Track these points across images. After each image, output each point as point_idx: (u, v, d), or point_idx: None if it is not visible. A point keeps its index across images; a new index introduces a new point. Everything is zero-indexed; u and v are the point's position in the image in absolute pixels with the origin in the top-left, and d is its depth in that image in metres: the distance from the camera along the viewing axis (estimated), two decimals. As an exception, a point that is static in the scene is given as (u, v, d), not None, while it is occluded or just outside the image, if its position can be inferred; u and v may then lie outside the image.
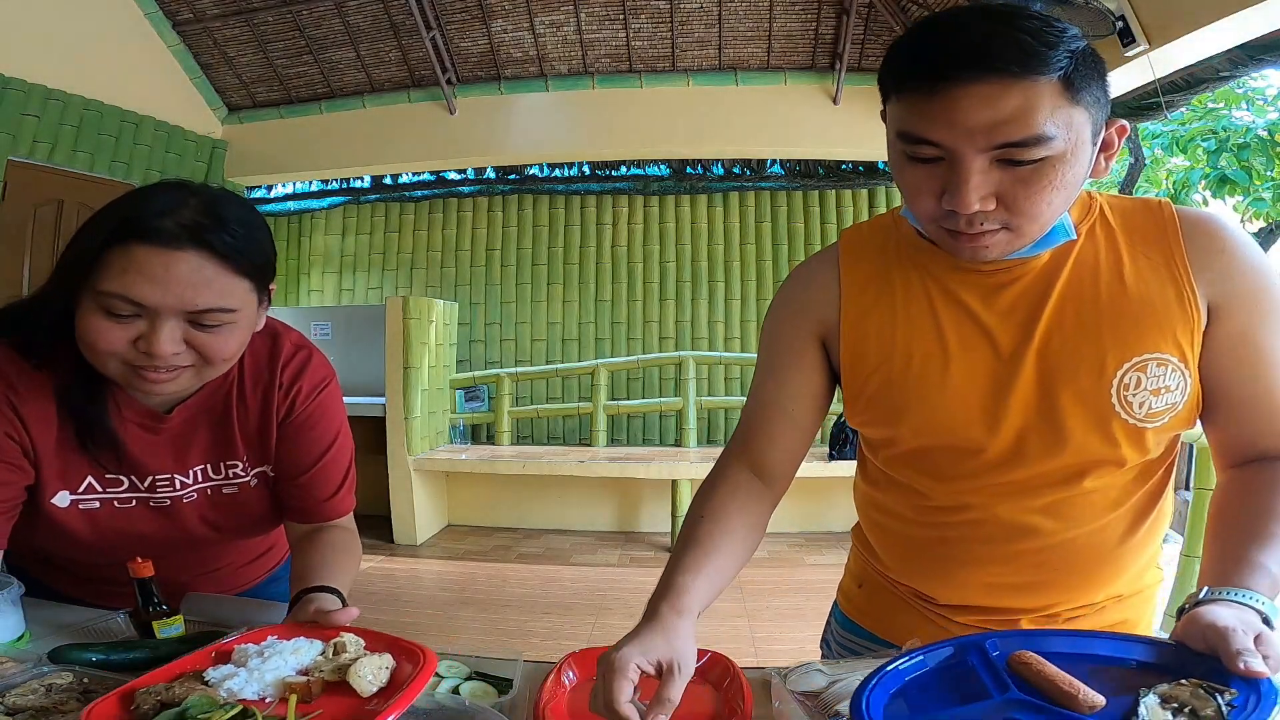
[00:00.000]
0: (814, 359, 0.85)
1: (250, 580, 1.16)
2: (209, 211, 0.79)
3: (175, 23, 4.19)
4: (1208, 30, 2.55)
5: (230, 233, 0.80)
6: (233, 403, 0.96)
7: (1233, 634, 0.56)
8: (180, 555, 1.01)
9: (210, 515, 0.98)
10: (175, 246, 0.76)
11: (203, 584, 1.08)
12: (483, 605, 3.35)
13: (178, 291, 0.77)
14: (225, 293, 0.80)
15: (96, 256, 0.77)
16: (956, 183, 0.65)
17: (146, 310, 0.77)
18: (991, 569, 0.81)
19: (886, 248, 0.83)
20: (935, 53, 0.63)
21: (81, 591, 1.03)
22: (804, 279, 0.87)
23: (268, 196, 5.68)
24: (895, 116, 0.69)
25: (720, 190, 5.43)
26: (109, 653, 0.86)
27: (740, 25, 4.12)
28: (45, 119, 3.54)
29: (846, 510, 4.08)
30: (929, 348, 0.78)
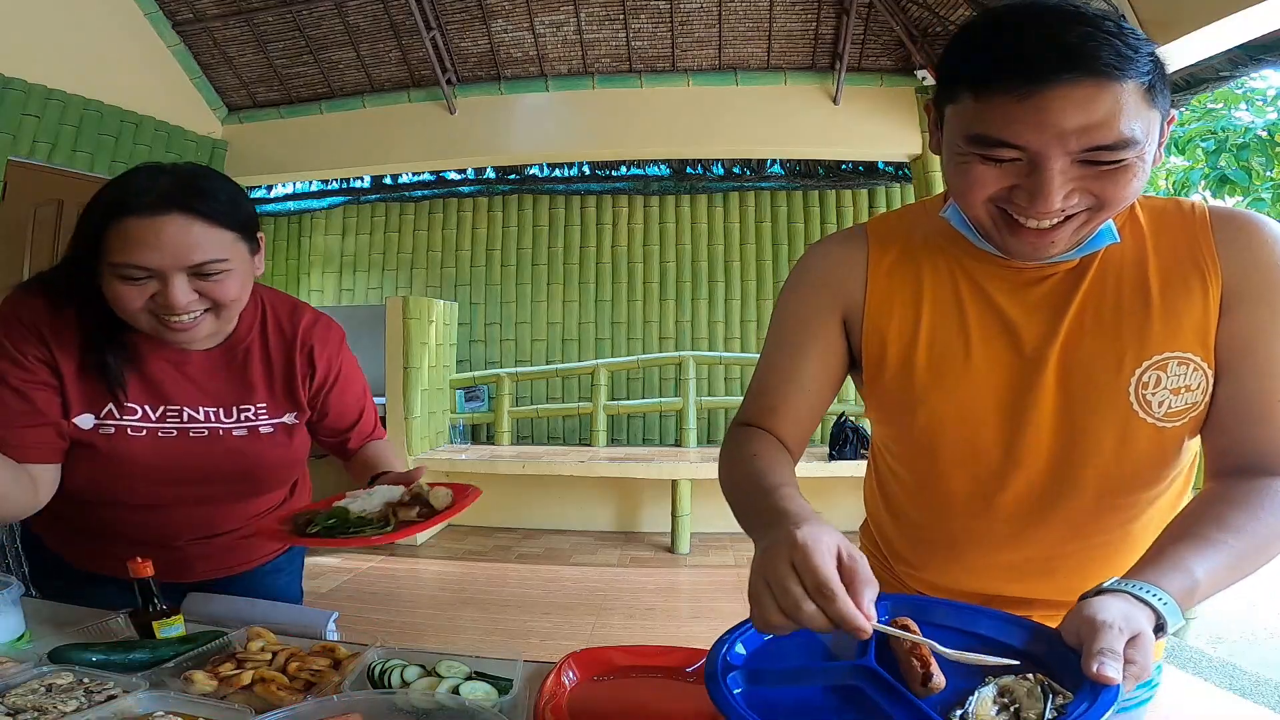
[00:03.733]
0: (833, 336, 0.84)
1: (251, 560, 1.20)
2: (183, 181, 0.93)
3: (175, 23, 4.18)
4: (1208, 30, 2.55)
5: (205, 194, 0.93)
6: (254, 356, 1.08)
7: (1103, 631, 0.53)
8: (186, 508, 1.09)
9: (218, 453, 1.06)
10: (161, 213, 0.90)
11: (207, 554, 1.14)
12: (483, 605, 3.35)
13: (172, 251, 0.90)
14: (214, 245, 0.93)
15: (99, 235, 0.91)
16: (1039, 186, 0.64)
17: (154, 272, 0.91)
18: (1006, 550, 0.80)
19: (915, 235, 0.82)
20: (1026, 53, 0.61)
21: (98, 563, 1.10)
22: (828, 255, 0.85)
23: (268, 196, 5.68)
24: (967, 117, 0.65)
25: (720, 190, 5.43)
26: (109, 653, 0.86)
27: (740, 25, 4.12)
28: (45, 119, 3.54)
29: (846, 510, 4.07)
30: (951, 337, 0.77)
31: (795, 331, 0.85)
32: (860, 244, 0.83)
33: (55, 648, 0.84)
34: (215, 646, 0.89)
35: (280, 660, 0.86)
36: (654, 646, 0.94)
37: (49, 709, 0.72)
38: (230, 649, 0.89)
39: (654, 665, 0.92)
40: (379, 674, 0.84)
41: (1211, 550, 0.62)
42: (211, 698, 0.77)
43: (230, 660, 0.85)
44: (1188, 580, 0.59)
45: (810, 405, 0.85)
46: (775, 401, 0.85)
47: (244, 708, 0.74)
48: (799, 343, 0.85)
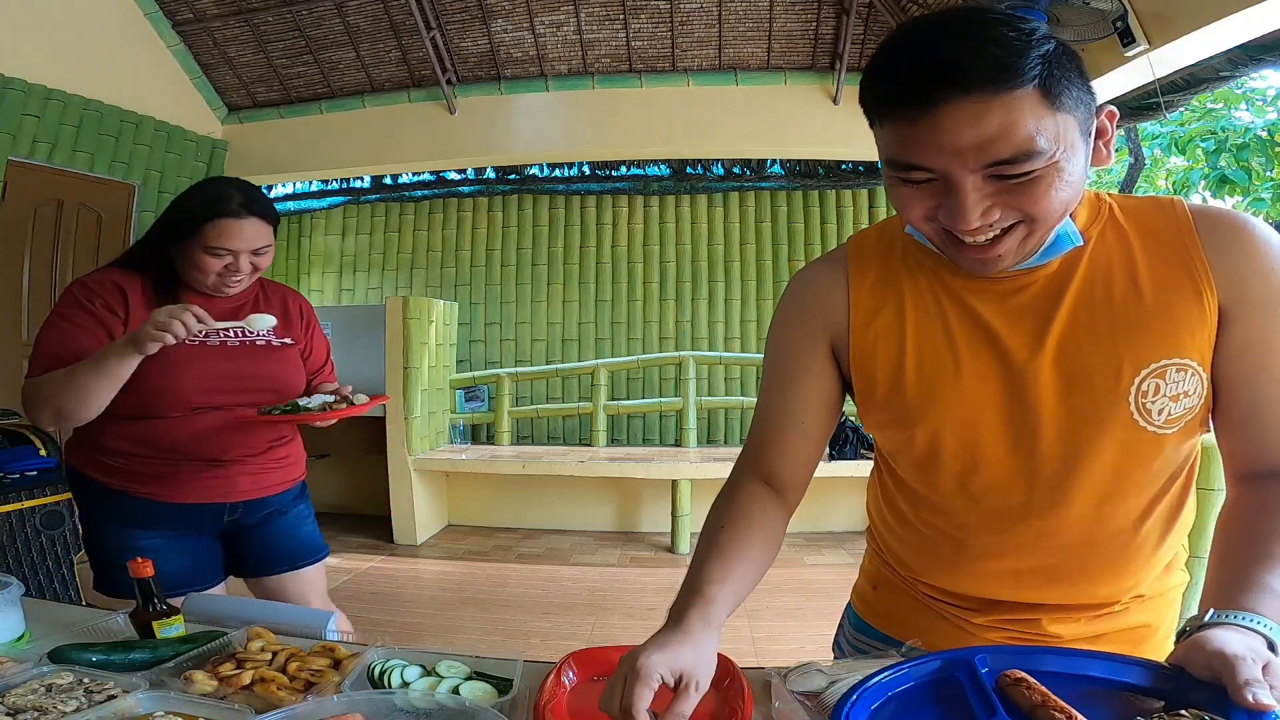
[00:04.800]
0: (823, 365, 0.84)
1: (281, 483, 1.59)
2: (248, 193, 1.44)
3: (175, 23, 4.18)
4: (1208, 30, 2.55)
5: (261, 203, 1.46)
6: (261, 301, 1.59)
7: (1240, 663, 0.54)
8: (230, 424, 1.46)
9: (248, 359, 1.50)
10: (243, 216, 1.41)
11: (246, 471, 1.51)
12: (483, 605, 3.35)
13: (248, 240, 1.43)
14: (265, 236, 1.46)
15: (198, 227, 1.39)
16: (954, 204, 0.64)
17: (232, 253, 1.42)
18: (1012, 556, 0.79)
19: (893, 251, 0.82)
20: (910, 79, 0.62)
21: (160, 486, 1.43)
22: (810, 283, 0.85)
23: (268, 196, 5.68)
24: (882, 143, 0.67)
25: (720, 190, 5.43)
26: (109, 653, 0.86)
27: (740, 25, 4.12)
28: (45, 119, 3.54)
29: (846, 510, 4.07)
30: (939, 352, 0.77)
31: (785, 369, 0.86)
32: (840, 267, 0.84)
33: (55, 648, 0.84)
34: (215, 646, 0.89)
35: (280, 660, 0.86)
36: (654, 646, 0.94)
37: (49, 709, 0.72)
38: (230, 649, 0.89)
39: (654, 665, 0.92)
40: (379, 674, 0.84)
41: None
42: (211, 698, 0.77)
43: (230, 660, 0.85)
44: (1274, 599, 0.61)
45: (809, 440, 0.87)
46: (773, 442, 0.87)
47: (244, 708, 0.74)
48: (790, 380, 0.86)
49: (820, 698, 0.80)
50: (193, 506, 1.46)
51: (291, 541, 1.60)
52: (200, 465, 1.44)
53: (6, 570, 1.58)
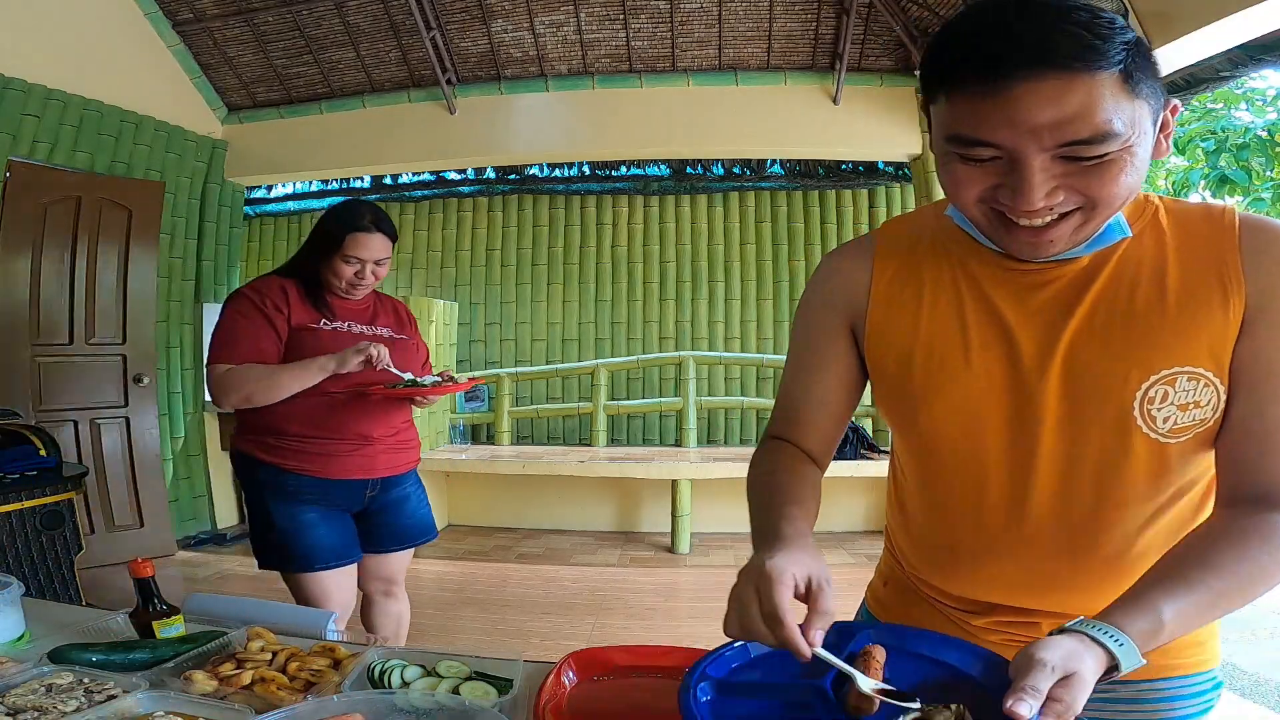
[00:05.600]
0: (844, 348, 0.85)
1: (408, 462, 1.88)
2: (376, 213, 1.79)
3: (175, 23, 4.18)
4: (1208, 30, 2.55)
5: (386, 221, 1.80)
6: (378, 308, 1.91)
7: (1033, 669, 0.55)
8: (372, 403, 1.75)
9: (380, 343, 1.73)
10: (372, 231, 1.75)
11: (387, 449, 1.80)
12: (483, 605, 3.35)
13: (374, 251, 1.77)
14: (386, 249, 1.80)
15: (341, 241, 1.74)
16: (1020, 184, 0.63)
17: (362, 262, 1.76)
18: (1006, 560, 0.78)
19: (922, 239, 0.82)
20: (989, 50, 0.60)
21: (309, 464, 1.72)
22: (836, 266, 0.86)
23: (268, 196, 5.68)
24: (944, 118, 0.65)
25: (720, 190, 5.44)
26: (109, 653, 0.86)
27: (740, 25, 4.12)
28: (45, 119, 3.53)
29: (846, 510, 4.08)
30: (951, 341, 0.77)
31: (809, 349, 0.88)
32: (867, 252, 0.84)
33: (55, 648, 0.84)
34: (215, 646, 0.89)
35: (280, 660, 0.86)
36: (654, 646, 0.95)
37: (49, 709, 0.72)
38: (230, 649, 0.89)
39: (654, 665, 0.92)
40: (379, 674, 0.84)
41: (1186, 591, 0.62)
42: (211, 698, 0.77)
43: (230, 660, 0.85)
44: (1153, 622, 0.60)
45: (831, 415, 0.88)
46: (798, 416, 0.88)
47: (244, 708, 0.74)
48: (814, 360, 0.87)
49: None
50: (344, 482, 1.75)
51: (411, 520, 1.90)
52: (351, 444, 1.74)
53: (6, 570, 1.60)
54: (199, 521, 4.37)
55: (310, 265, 1.79)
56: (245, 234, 5.39)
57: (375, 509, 1.84)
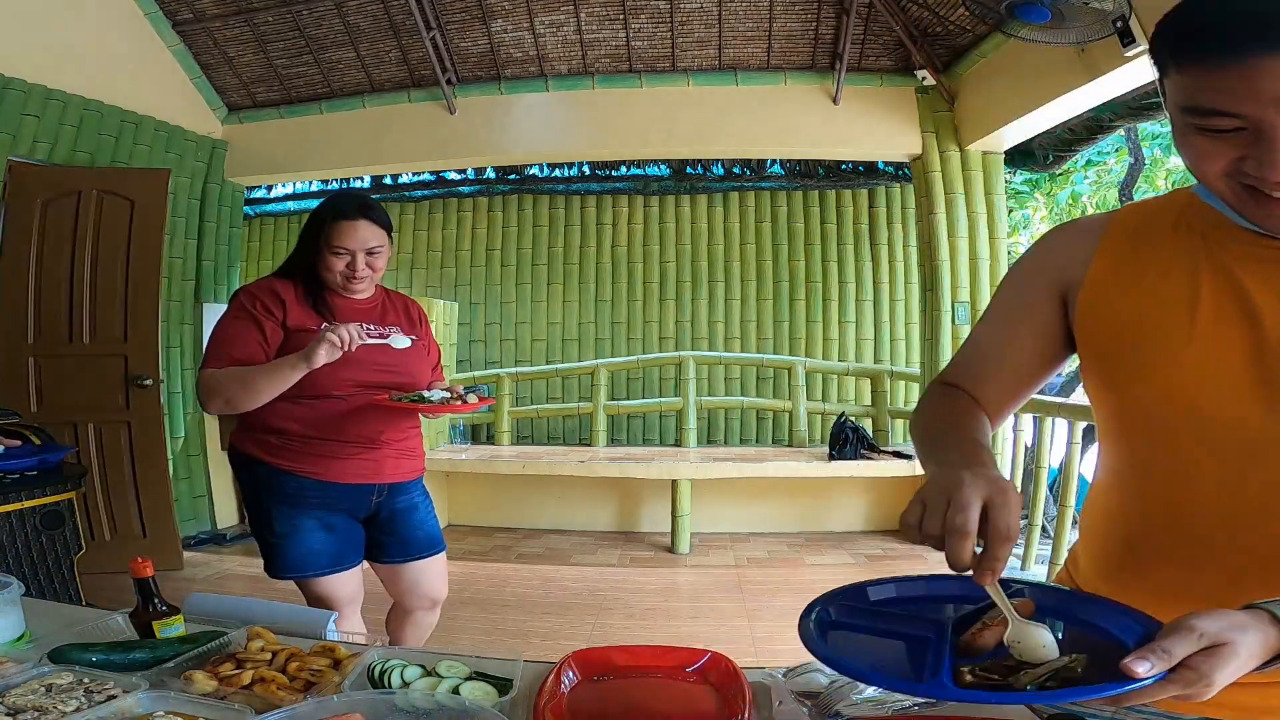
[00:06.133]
0: (1049, 312, 0.82)
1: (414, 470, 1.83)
2: (363, 201, 1.71)
3: (175, 23, 4.18)
4: (1208, 30, 2.54)
5: (374, 208, 1.71)
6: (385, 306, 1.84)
7: (1178, 632, 0.52)
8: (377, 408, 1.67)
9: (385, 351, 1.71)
10: (355, 217, 1.67)
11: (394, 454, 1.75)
12: (483, 605, 3.35)
13: (362, 239, 1.67)
14: (377, 237, 1.70)
15: (326, 231, 1.66)
16: (1267, 154, 0.60)
17: (350, 252, 1.67)
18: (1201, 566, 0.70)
19: (1165, 217, 0.77)
20: (1227, 23, 0.59)
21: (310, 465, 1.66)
22: (1062, 233, 0.84)
23: (268, 196, 5.68)
24: (1179, 88, 0.63)
25: (720, 190, 5.43)
26: (109, 653, 0.86)
27: (740, 25, 4.11)
28: (45, 119, 3.53)
29: (846, 510, 4.07)
30: (1175, 315, 0.72)
31: (1009, 306, 0.85)
32: (1097, 225, 0.81)
33: (55, 648, 0.84)
34: (215, 646, 0.89)
35: (280, 660, 0.86)
36: (654, 646, 0.95)
37: (49, 709, 0.72)
38: (230, 649, 0.89)
39: (654, 665, 0.92)
40: (379, 674, 0.84)
41: None
42: (211, 698, 0.77)
43: (230, 660, 0.85)
44: None
45: (1016, 373, 0.85)
46: (980, 368, 0.86)
47: (244, 708, 0.74)
48: (1012, 316, 0.85)
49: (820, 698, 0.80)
50: (348, 487, 1.69)
51: (420, 531, 1.84)
52: (355, 446, 1.68)
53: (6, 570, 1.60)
54: (199, 522, 4.37)
55: (303, 262, 1.73)
56: (245, 234, 5.38)
57: (384, 517, 1.79)
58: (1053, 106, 3.45)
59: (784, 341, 5.33)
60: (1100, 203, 6.39)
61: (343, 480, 1.68)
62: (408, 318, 1.86)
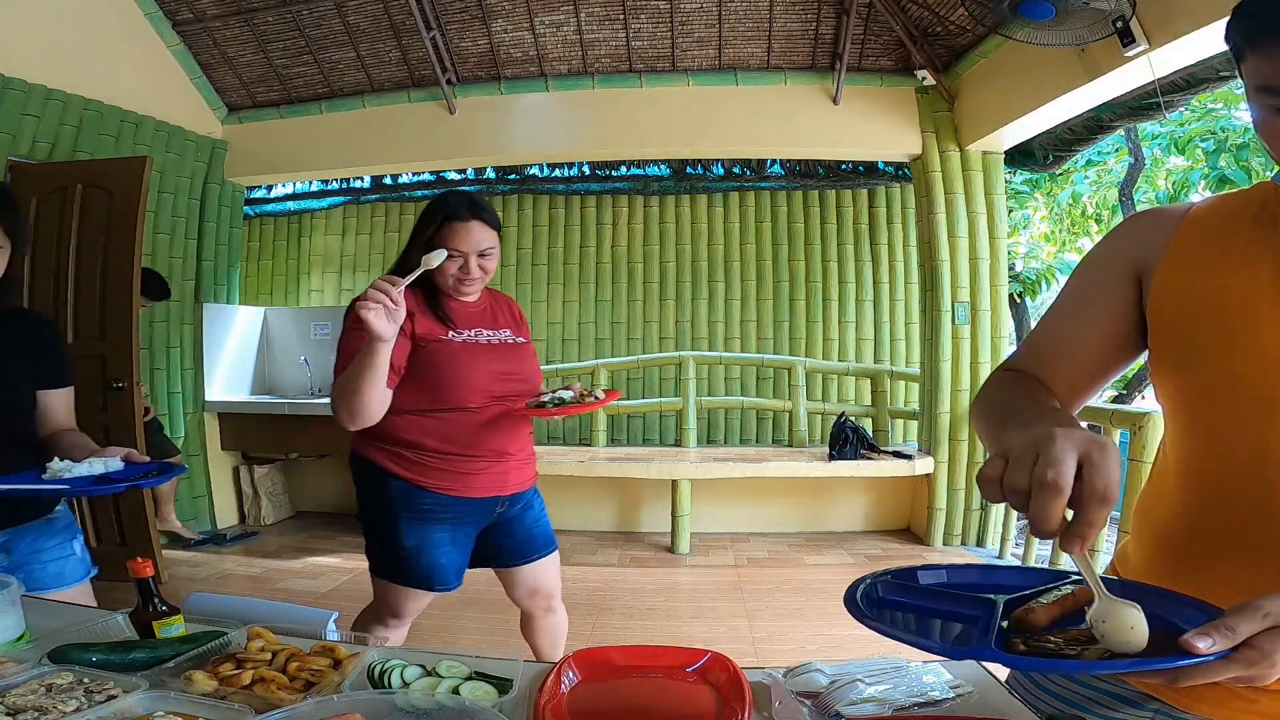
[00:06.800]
0: (1122, 296, 0.80)
1: (533, 476, 1.82)
2: (474, 201, 1.66)
3: (175, 23, 4.18)
4: (1208, 30, 2.55)
5: (486, 209, 1.67)
6: (495, 309, 1.80)
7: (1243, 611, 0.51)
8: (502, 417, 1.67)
9: (502, 355, 1.72)
10: (468, 219, 1.63)
11: (518, 465, 1.74)
12: (483, 605, 3.34)
13: (475, 241, 1.65)
14: (489, 239, 1.67)
15: (439, 230, 1.63)
16: None
17: (463, 254, 1.64)
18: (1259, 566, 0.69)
19: (1249, 206, 0.76)
20: None
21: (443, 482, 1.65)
22: (1141, 218, 0.83)
23: (268, 196, 5.68)
24: (1256, 71, 0.64)
25: (720, 190, 5.43)
26: (109, 653, 0.86)
27: (740, 25, 4.12)
28: (45, 119, 3.53)
29: (846, 510, 4.07)
30: (1255, 298, 0.70)
31: (1081, 290, 0.84)
32: (1179, 212, 0.80)
33: (55, 648, 0.84)
34: (215, 646, 0.89)
35: (280, 660, 0.85)
36: (654, 646, 0.95)
37: (49, 709, 0.72)
38: (230, 649, 0.89)
39: (654, 665, 0.92)
40: (379, 674, 0.84)
41: None
42: (211, 698, 0.77)
43: (230, 660, 0.85)
44: None
45: (1087, 356, 0.82)
46: (1050, 351, 0.84)
47: (244, 708, 0.74)
48: (1084, 300, 0.83)
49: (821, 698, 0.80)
50: (477, 500, 1.68)
51: (536, 529, 1.83)
52: (485, 460, 1.67)
53: None
54: (199, 522, 4.37)
55: (414, 264, 1.63)
56: (245, 234, 5.38)
57: (501, 523, 1.78)
58: (1053, 106, 3.45)
59: (784, 341, 5.33)
60: (1100, 202, 6.39)
61: (473, 495, 1.67)
62: (513, 318, 1.84)
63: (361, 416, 1.51)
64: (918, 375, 4.51)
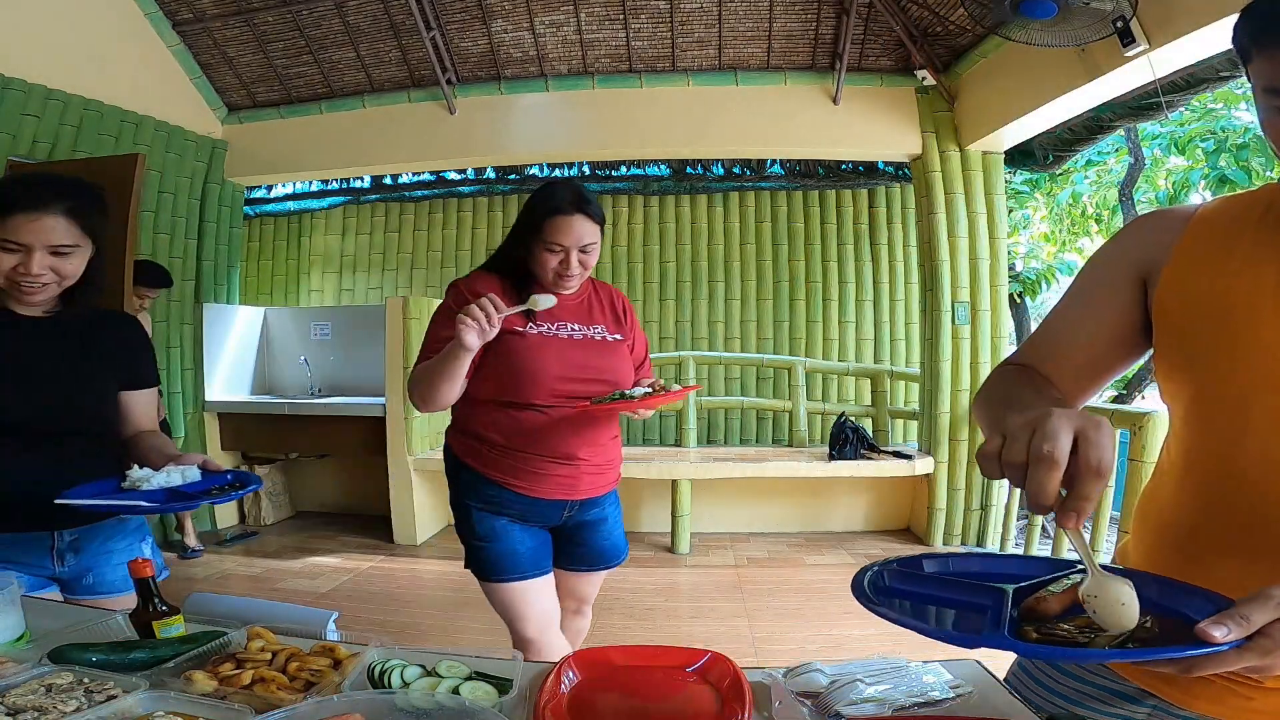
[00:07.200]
0: (1128, 297, 0.81)
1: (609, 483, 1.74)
2: (579, 194, 1.61)
3: (175, 23, 4.18)
4: (1208, 30, 2.55)
5: (591, 202, 1.62)
6: (592, 303, 1.73)
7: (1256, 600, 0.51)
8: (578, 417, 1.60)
9: (589, 351, 1.65)
10: (571, 213, 1.58)
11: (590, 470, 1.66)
12: (483, 605, 3.31)
13: (577, 235, 1.59)
14: (592, 234, 1.61)
15: (541, 226, 1.59)
16: None
17: (564, 249, 1.59)
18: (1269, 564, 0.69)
19: (1251, 209, 0.77)
20: None
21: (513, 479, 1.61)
22: (1146, 220, 0.85)
23: (268, 196, 5.68)
24: (1262, 72, 0.66)
25: (720, 190, 5.43)
26: (109, 653, 0.86)
27: (740, 25, 4.12)
28: (45, 119, 3.53)
29: (846, 510, 4.07)
30: (1260, 299, 0.71)
31: (1086, 287, 0.85)
32: (1185, 213, 0.81)
33: (55, 648, 0.84)
34: (215, 646, 0.89)
35: (280, 660, 0.85)
36: (654, 646, 0.95)
37: (49, 709, 0.72)
38: (230, 649, 0.89)
39: (654, 665, 0.92)
40: (379, 674, 0.84)
41: None
42: (211, 698, 0.77)
43: (230, 660, 0.85)
44: None
45: (1090, 354, 0.83)
46: (1052, 347, 0.85)
47: (244, 708, 0.74)
48: (1089, 298, 0.84)
49: (821, 698, 0.80)
50: (544, 501, 1.64)
51: (606, 543, 1.78)
52: (552, 463, 1.61)
53: None
54: (199, 522, 4.37)
55: (514, 256, 1.65)
56: (245, 234, 5.38)
57: (571, 527, 1.73)
58: (1053, 106, 3.45)
59: (784, 341, 5.33)
60: (1100, 202, 6.38)
61: (540, 496, 1.63)
62: (614, 313, 1.76)
63: (431, 405, 1.55)
64: (918, 375, 4.51)
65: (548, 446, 1.61)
